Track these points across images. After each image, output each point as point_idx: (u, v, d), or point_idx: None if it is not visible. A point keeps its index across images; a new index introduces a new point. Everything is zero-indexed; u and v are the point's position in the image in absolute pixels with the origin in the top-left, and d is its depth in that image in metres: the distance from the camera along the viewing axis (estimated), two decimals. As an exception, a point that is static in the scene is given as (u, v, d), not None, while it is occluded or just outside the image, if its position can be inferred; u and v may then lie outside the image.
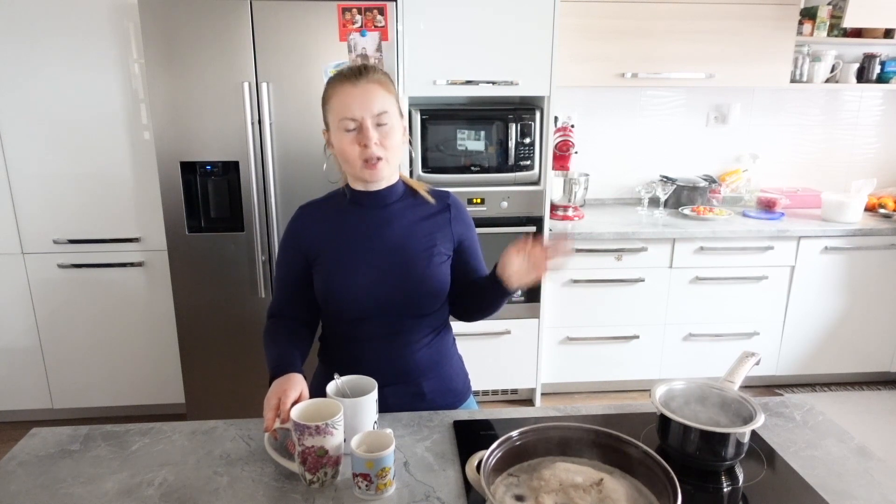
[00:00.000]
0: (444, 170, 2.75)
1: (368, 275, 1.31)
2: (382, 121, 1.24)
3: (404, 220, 1.35)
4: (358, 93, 1.23)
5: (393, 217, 1.34)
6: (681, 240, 2.94)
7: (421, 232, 1.34)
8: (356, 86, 1.24)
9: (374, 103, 1.23)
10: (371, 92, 1.24)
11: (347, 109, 1.24)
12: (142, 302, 2.78)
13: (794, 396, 1.90)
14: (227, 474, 1.13)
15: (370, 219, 1.34)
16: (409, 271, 1.31)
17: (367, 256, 1.32)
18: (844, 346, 3.20)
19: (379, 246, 1.32)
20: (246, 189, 2.51)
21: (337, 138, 1.27)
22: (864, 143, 3.55)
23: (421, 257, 1.32)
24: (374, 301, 1.31)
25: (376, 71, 1.27)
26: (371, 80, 1.25)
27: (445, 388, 1.42)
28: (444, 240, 1.36)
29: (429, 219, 1.36)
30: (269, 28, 2.37)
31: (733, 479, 1.11)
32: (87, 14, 2.46)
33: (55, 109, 2.55)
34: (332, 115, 1.28)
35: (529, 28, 2.62)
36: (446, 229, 1.37)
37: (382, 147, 1.25)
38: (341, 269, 1.32)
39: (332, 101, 1.27)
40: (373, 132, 1.23)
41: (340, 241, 1.33)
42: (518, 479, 1.00)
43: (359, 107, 1.23)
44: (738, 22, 2.93)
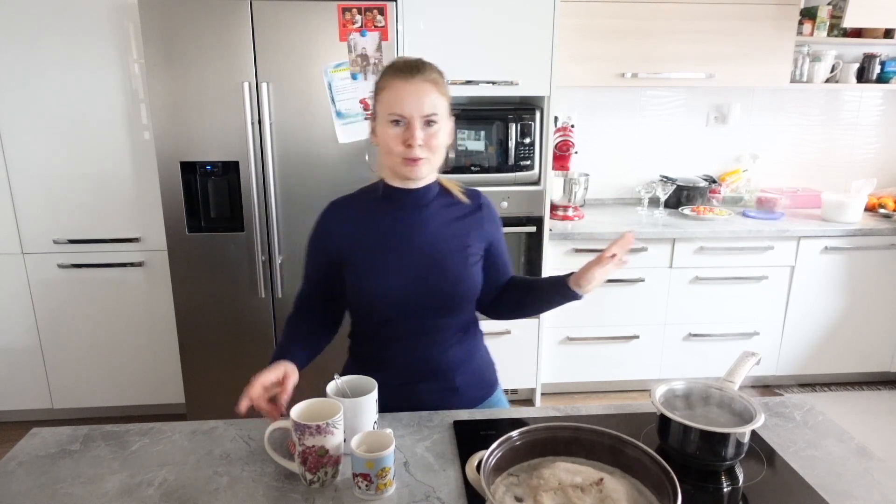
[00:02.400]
0: (443, 170, 2.74)
1: (402, 276, 1.30)
2: (431, 121, 1.24)
3: (439, 220, 1.34)
4: (411, 90, 1.22)
5: (428, 217, 1.34)
6: (681, 240, 2.94)
7: (455, 232, 1.34)
8: (410, 82, 1.22)
9: (425, 103, 1.22)
10: (424, 91, 1.22)
11: (398, 105, 1.22)
12: (142, 302, 2.78)
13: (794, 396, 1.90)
14: (227, 474, 1.13)
15: (404, 218, 1.33)
16: (444, 272, 1.31)
17: (401, 257, 1.31)
18: (844, 346, 3.20)
19: (413, 246, 1.31)
20: (246, 189, 2.51)
21: (382, 130, 1.26)
22: (864, 143, 3.55)
23: (455, 258, 1.32)
24: (408, 302, 1.30)
25: (432, 70, 1.26)
26: (426, 78, 1.24)
27: (477, 380, 1.43)
28: (477, 240, 1.36)
29: (462, 219, 1.36)
30: (269, 28, 2.37)
31: (733, 479, 1.11)
32: (87, 14, 2.46)
33: (55, 109, 2.55)
34: (381, 106, 1.26)
35: (529, 28, 2.62)
36: (479, 229, 1.37)
37: (427, 147, 1.25)
38: (375, 269, 1.31)
39: (385, 93, 1.25)
40: (419, 132, 1.23)
41: (373, 240, 1.32)
42: (518, 479, 1.00)
43: (410, 105, 1.22)
44: (738, 22, 2.93)
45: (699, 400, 1.23)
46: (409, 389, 1.37)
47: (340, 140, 2.50)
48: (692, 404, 1.23)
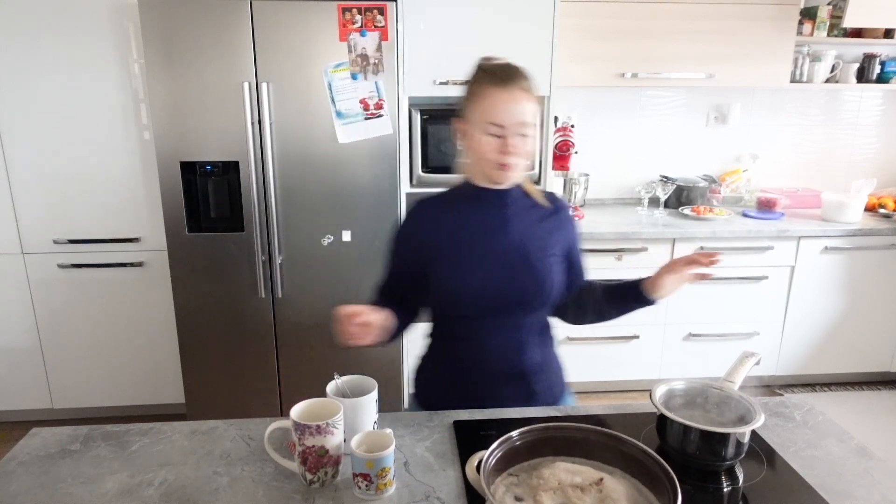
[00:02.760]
0: (444, 170, 2.75)
1: (488, 274, 1.32)
2: (525, 131, 1.26)
3: (522, 222, 1.36)
4: (508, 99, 1.23)
5: (512, 217, 1.36)
6: (681, 240, 2.94)
7: (537, 233, 1.37)
8: (507, 91, 1.24)
9: (521, 113, 1.24)
10: (519, 101, 1.24)
11: (495, 115, 1.24)
12: (142, 302, 2.78)
13: (794, 396, 1.90)
14: (227, 474, 1.13)
15: (490, 218, 1.35)
16: (528, 271, 1.33)
17: (488, 255, 1.33)
18: (844, 346, 3.20)
19: (498, 245, 1.34)
20: (246, 189, 2.51)
21: (476, 136, 1.27)
22: (864, 143, 3.55)
23: (538, 258, 1.34)
24: (492, 299, 1.33)
25: (525, 77, 1.27)
26: (521, 86, 1.25)
27: (552, 383, 1.45)
28: (558, 242, 1.39)
29: (543, 221, 1.39)
30: (269, 28, 2.37)
31: (733, 479, 1.11)
32: (87, 14, 2.46)
33: (55, 109, 2.55)
34: (476, 112, 1.27)
35: (529, 28, 2.62)
36: (559, 232, 1.40)
37: (520, 154, 1.28)
38: (461, 267, 1.33)
39: (480, 101, 1.26)
40: (514, 140, 1.25)
41: (459, 239, 1.35)
42: (518, 479, 1.00)
43: (507, 115, 1.24)
44: (738, 22, 2.93)
45: (699, 400, 1.23)
46: (488, 390, 1.38)
47: (340, 140, 2.50)
48: (692, 404, 1.23)
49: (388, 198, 2.60)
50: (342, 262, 2.64)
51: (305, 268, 2.63)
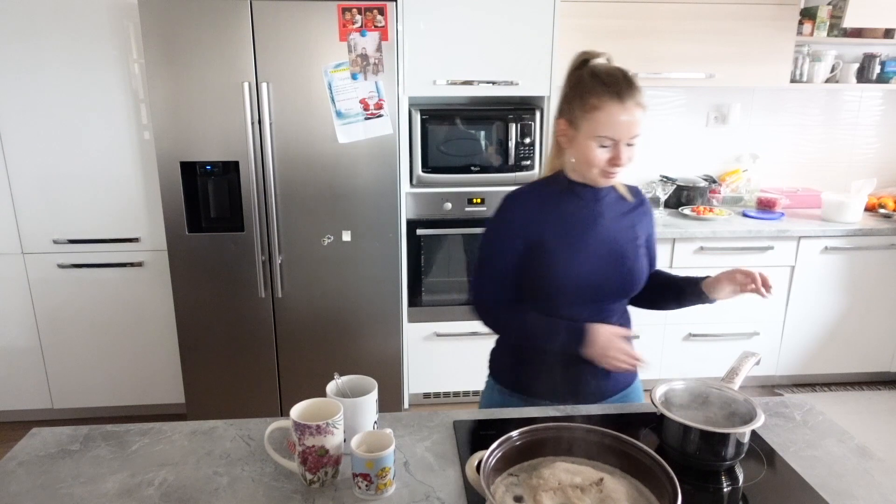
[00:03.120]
0: (444, 170, 2.75)
1: (587, 262, 1.37)
2: (631, 143, 1.29)
3: (612, 214, 1.42)
4: (625, 114, 1.25)
5: (603, 210, 1.41)
6: (681, 240, 2.94)
7: (626, 225, 1.42)
8: (624, 106, 1.25)
9: (634, 129, 1.27)
10: (635, 116, 1.26)
11: (611, 129, 1.26)
12: (142, 302, 2.78)
13: (794, 396, 1.90)
14: (227, 474, 1.13)
15: (584, 210, 1.39)
16: (622, 261, 1.39)
17: (586, 244, 1.38)
18: (844, 346, 3.20)
19: (595, 236, 1.39)
20: (246, 189, 2.51)
21: (585, 143, 1.29)
22: (864, 143, 3.55)
23: (629, 248, 1.41)
24: (589, 286, 1.37)
25: (639, 89, 1.28)
26: (637, 102, 1.26)
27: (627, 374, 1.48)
28: (642, 232, 1.45)
29: (630, 213, 1.44)
30: (269, 28, 2.37)
31: (733, 479, 1.11)
32: (87, 14, 2.46)
33: (55, 109, 2.55)
34: (589, 122, 1.28)
35: (529, 28, 2.62)
36: (641, 223, 1.46)
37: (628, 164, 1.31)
38: (563, 255, 1.36)
39: (595, 113, 1.26)
40: (626, 152, 1.28)
41: (559, 228, 1.38)
42: (518, 479, 1.00)
43: (623, 131, 1.26)
44: (738, 22, 2.93)
45: (699, 400, 1.23)
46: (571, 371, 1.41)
47: (340, 140, 2.50)
48: (692, 404, 1.23)
49: (388, 198, 2.60)
50: (342, 262, 2.64)
51: (305, 268, 2.63)
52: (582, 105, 1.28)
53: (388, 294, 2.72)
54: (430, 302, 2.89)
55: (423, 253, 2.82)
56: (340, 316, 2.70)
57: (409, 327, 2.88)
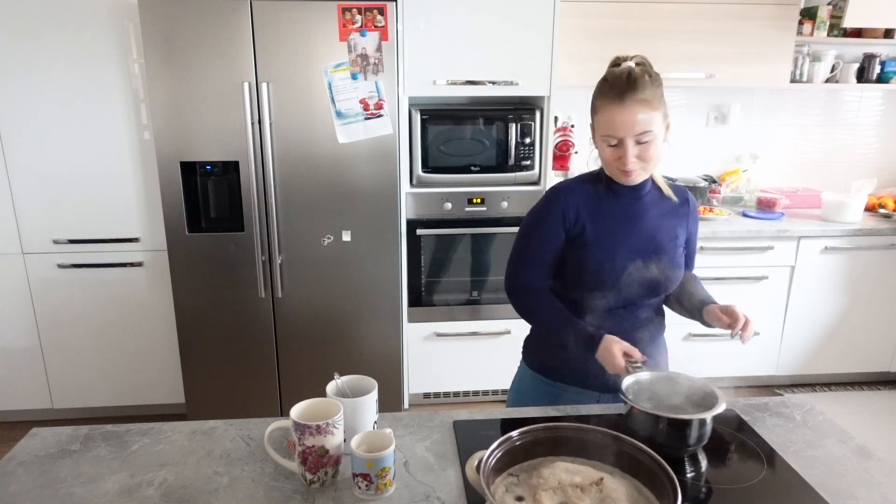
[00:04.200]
0: (444, 170, 2.75)
1: (627, 257, 1.39)
2: (644, 139, 1.30)
3: (654, 212, 1.44)
4: (624, 113, 1.28)
5: (645, 208, 1.43)
6: (681, 240, 2.94)
7: (667, 224, 1.45)
8: (622, 105, 1.28)
9: (636, 125, 1.28)
10: (635, 113, 1.27)
11: (611, 128, 1.30)
12: (142, 302, 2.78)
13: (794, 396, 1.90)
14: (227, 474, 1.13)
15: (626, 206, 1.43)
16: (661, 258, 1.41)
17: (626, 240, 1.41)
18: (844, 346, 3.20)
19: (635, 232, 1.41)
20: (246, 189, 2.51)
21: (600, 146, 1.36)
22: (864, 143, 3.55)
23: (669, 247, 1.43)
24: (627, 280, 1.39)
25: (644, 86, 1.28)
26: (637, 99, 1.27)
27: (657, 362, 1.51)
28: (682, 233, 1.48)
29: (672, 213, 1.46)
30: (269, 28, 2.37)
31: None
32: (88, 14, 2.46)
33: (55, 109, 2.55)
34: (597, 125, 1.34)
35: (529, 28, 2.62)
36: (684, 224, 1.48)
37: (640, 160, 1.33)
38: (604, 247, 1.40)
39: (600, 114, 1.32)
40: (631, 149, 1.31)
41: (602, 220, 1.42)
42: (518, 479, 1.00)
43: (622, 128, 1.29)
44: (738, 22, 2.93)
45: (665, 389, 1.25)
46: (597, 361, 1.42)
47: (340, 140, 2.50)
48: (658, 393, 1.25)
49: (389, 198, 2.60)
50: (342, 262, 2.64)
51: (305, 268, 2.63)
52: (592, 108, 1.37)
53: (388, 294, 2.72)
54: (430, 302, 2.89)
55: (423, 253, 2.82)
56: (340, 316, 2.70)
57: (409, 327, 2.88)
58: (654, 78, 1.32)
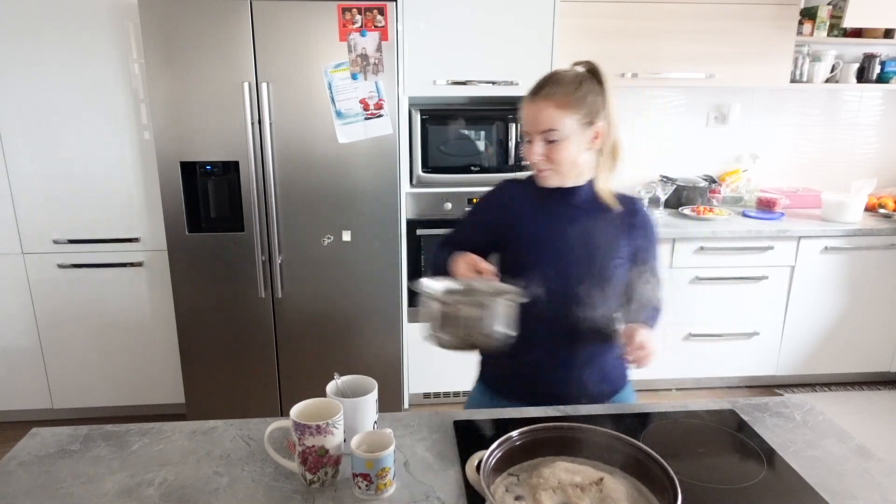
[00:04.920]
0: (444, 170, 2.75)
1: (554, 262, 1.37)
2: (550, 137, 1.31)
3: (589, 220, 1.40)
4: (532, 109, 1.32)
5: (579, 215, 1.40)
6: (681, 240, 2.94)
7: (603, 233, 1.40)
8: (533, 102, 1.32)
9: (541, 122, 1.31)
10: (542, 110, 1.30)
11: (524, 123, 1.35)
12: (142, 302, 2.78)
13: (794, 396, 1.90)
14: (227, 474, 1.13)
15: (560, 211, 1.41)
16: (590, 268, 1.37)
17: (556, 244, 1.39)
18: (844, 346, 3.20)
19: (566, 238, 1.39)
20: (246, 189, 2.51)
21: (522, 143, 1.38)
22: (864, 143, 3.55)
23: (601, 257, 1.38)
24: (555, 288, 1.36)
25: (560, 85, 1.31)
26: (547, 96, 1.30)
27: (603, 377, 1.46)
28: (624, 244, 1.41)
29: (612, 222, 1.41)
30: (269, 28, 2.37)
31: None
32: (87, 14, 2.46)
33: (55, 109, 2.55)
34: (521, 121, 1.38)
35: (529, 28, 2.62)
36: (626, 235, 1.41)
37: (547, 160, 1.34)
38: (532, 249, 1.39)
39: (521, 111, 1.37)
40: (538, 146, 1.33)
41: (535, 222, 1.41)
42: (518, 479, 1.00)
43: (529, 123, 1.33)
44: (738, 22, 2.93)
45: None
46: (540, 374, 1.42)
47: (340, 140, 2.50)
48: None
49: (389, 198, 2.60)
50: (342, 262, 2.64)
51: (305, 268, 2.63)
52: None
53: (388, 294, 2.72)
54: (430, 302, 2.88)
55: (424, 253, 2.82)
56: (340, 316, 2.70)
57: (409, 327, 2.88)
58: (583, 81, 1.33)
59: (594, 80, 1.36)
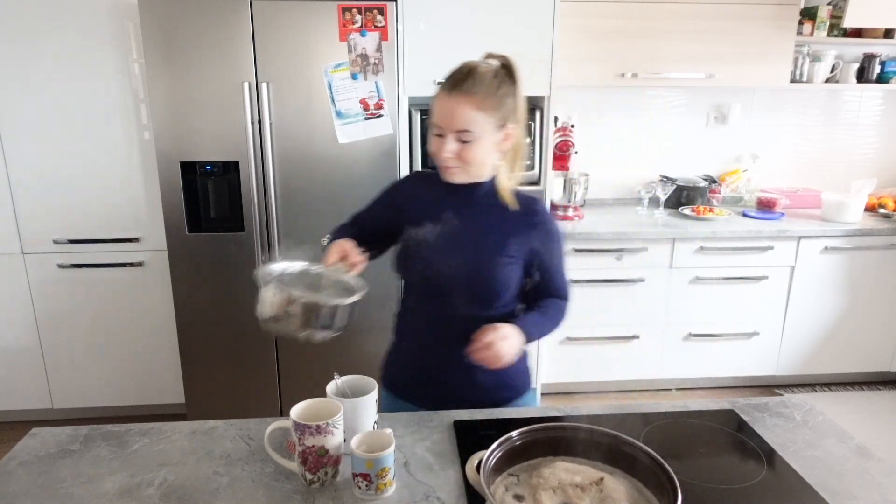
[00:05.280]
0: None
1: (440, 256, 1.35)
2: (464, 137, 1.27)
3: (485, 215, 1.38)
4: (449, 105, 1.27)
5: (476, 209, 1.38)
6: (681, 240, 2.94)
7: (496, 229, 1.37)
8: (450, 96, 1.27)
9: (457, 119, 1.26)
10: (459, 107, 1.26)
11: (437, 116, 1.29)
12: (142, 302, 2.78)
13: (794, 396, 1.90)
14: (227, 474, 1.13)
15: (456, 206, 1.38)
16: (475, 261, 1.35)
17: (445, 241, 1.36)
18: (844, 346, 3.20)
19: (457, 234, 1.36)
20: (246, 189, 2.51)
21: (430, 133, 1.33)
22: (864, 143, 3.55)
23: (489, 255, 1.35)
24: (438, 280, 1.35)
25: (479, 84, 1.27)
26: (466, 92, 1.26)
27: (501, 382, 1.43)
28: (518, 243, 1.36)
29: (508, 221, 1.37)
30: (269, 28, 2.37)
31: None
32: (87, 14, 2.46)
33: (55, 109, 2.55)
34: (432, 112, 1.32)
35: (529, 28, 2.62)
36: (523, 234, 1.37)
37: (458, 158, 1.29)
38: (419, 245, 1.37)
39: (434, 101, 1.31)
40: (450, 144, 1.28)
41: (430, 216, 1.38)
42: (518, 479, 1.00)
43: (444, 118, 1.27)
44: (738, 22, 2.93)
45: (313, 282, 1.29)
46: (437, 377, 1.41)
47: (340, 140, 2.50)
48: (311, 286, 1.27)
49: (388, 198, 2.59)
50: (342, 262, 2.64)
51: (305, 268, 2.63)
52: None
53: (389, 294, 2.72)
54: (430, 302, 2.88)
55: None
56: (340, 316, 2.70)
57: (409, 327, 2.88)
58: (501, 81, 1.28)
59: (510, 79, 1.31)
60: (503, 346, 1.23)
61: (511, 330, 1.27)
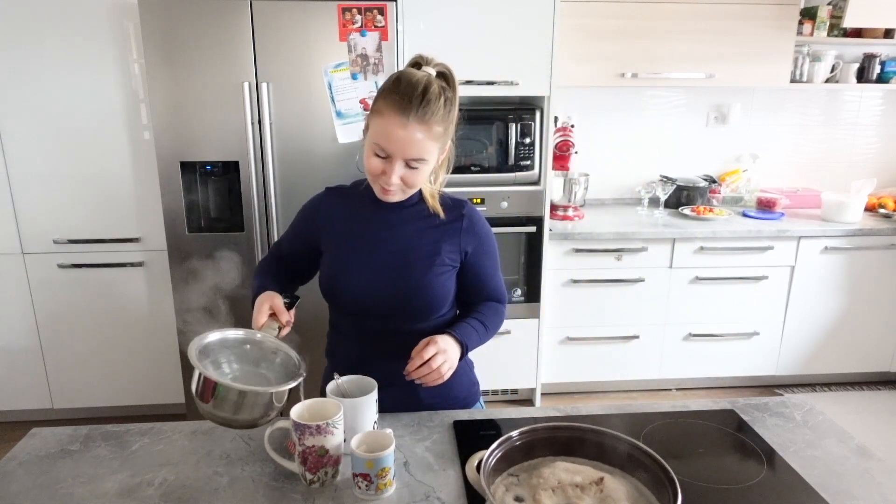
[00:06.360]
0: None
1: (368, 273, 1.31)
2: (414, 165, 1.21)
3: (412, 226, 1.33)
4: (404, 134, 1.16)
5: (402, 221, 1.33)
6: (681, 240, 2.94)
7: (426, 239, 1.32)
8: (405, 123, 1.15)
9: (412, 149, 1.18)
10: (414, 136, 1.16)
11: (384, 139, 1.18)
12: (142, 302, 2.78)
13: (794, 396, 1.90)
14: (227, 474, 1.13)
15: (380, 218, 1.34)
16: (408, 277, 1.30)
17: (371, 255, 1.32)
18: (844, 346, 3.20)
19: (384, 247, 1.32)
20: (246, 189, 2.51)
21: (368, 150, 1.23)
22: (864, 143, 3.55)
23: (421, 264, 1.30)
24: (371, 301, 1.31)
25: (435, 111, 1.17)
26: (421, 120, 1.15)
27: (444, 396, 1.39)
28: (450, 250, 1.32)
29: (438, 227, 1.33)
30: (269, 28, 2.37)
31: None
32: (87, 14, 2.46)
33: (55, 109, 2.55)
34: (372, 127, 1.21)
35: (529, 28, 2.62)
36: (454, 239, 1.33)
37: (404, 182, 1.23)
38: (345, 262, 1.33)
39: (378, 118, 1.19)
40: (398, 170, 1.20)
41: (351, 233, 1.34)
42: (518, 479, 1.00)
43: (395, 145, 1.18)
44: (738, 22, 2.93)
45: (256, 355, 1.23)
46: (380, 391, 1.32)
47: (340, 140, 2.50)
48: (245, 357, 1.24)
49: (388, 198, 2.60)
50: (342, 262, 2.64)
51: (305, 268, 2.63)
52: (373, 106, 1.22)
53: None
54: (430, 302, 2.88)
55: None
56: (340, 316, 2.70)
57: (409, 327, 2.88)
58: (449, 100, 1.21)
59: (451, 90, 1.24)
60: (441, 362, 1.18)
61: (449, 342, 1.22)
